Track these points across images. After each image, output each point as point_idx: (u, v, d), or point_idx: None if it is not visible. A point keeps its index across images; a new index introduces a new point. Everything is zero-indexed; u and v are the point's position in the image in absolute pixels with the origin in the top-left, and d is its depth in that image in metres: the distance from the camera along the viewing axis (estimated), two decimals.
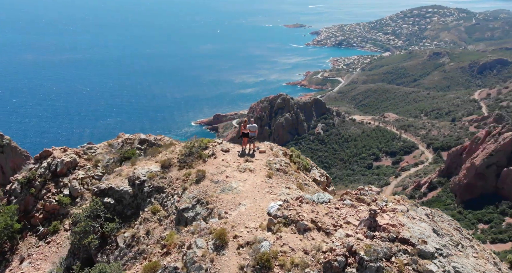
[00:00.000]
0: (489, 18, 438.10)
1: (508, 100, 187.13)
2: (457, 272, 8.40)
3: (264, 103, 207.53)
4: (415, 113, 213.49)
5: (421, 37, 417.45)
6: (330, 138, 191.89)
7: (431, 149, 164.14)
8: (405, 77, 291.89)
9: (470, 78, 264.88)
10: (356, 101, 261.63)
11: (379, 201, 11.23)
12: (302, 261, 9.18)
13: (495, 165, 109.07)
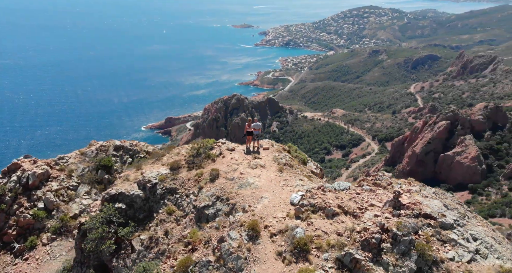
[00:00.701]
0: (419, 17, 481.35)
1: (439, 92, 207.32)
2: (474, 238, 9.67)
3: (219, 104, 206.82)
4: (360, 108, 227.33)
5: (360, 36, 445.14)
6: (285, 135, 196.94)
7: (376, 140, 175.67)
8: (349, 75, 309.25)
9: (405, 73, 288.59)
10: (306, 99, 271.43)
11: (394, 184, 12.53)
12: (338, 242, 10.02)
13: (433, 152, 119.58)
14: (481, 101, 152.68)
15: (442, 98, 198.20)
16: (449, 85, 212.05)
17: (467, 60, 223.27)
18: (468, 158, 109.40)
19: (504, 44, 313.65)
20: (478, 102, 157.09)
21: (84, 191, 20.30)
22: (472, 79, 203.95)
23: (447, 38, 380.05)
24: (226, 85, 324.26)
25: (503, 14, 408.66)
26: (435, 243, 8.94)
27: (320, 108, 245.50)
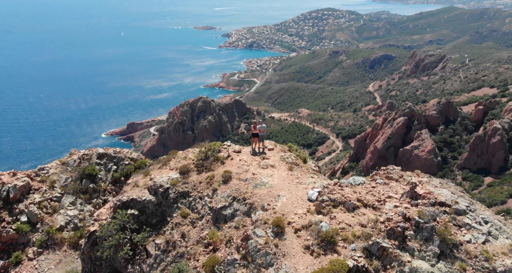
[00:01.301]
0: (374, 19, 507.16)
1: (395, 90, 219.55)
2: (485, 221, 10.57)
3: (185, 107, 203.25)
4: (323, 107, 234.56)
5: (320, 38, 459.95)
6: None
7: (340, 138, 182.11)
8: (311, 75, 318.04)
9: (364, 73, 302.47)
10: (272, 100, 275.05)
11: (405, 176, 13.13)
12: (364, 233, 10.56)
13: (393, 147, 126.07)
14: (434, 98, 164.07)
15: (399, 95, 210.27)
16: (404, 83, 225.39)
17: (419, 59, 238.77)
18: (424, 151, 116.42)
19: (451, 43, 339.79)
20: (431, 98, 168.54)
21: (69, 202, 19.49)
22: (425, 77, 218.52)
23: (400, 38, 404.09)
24: (190, 88, 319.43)
25: (449, 15, 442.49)
26: (452, 228, 9.79)
27: (286, 108, 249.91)
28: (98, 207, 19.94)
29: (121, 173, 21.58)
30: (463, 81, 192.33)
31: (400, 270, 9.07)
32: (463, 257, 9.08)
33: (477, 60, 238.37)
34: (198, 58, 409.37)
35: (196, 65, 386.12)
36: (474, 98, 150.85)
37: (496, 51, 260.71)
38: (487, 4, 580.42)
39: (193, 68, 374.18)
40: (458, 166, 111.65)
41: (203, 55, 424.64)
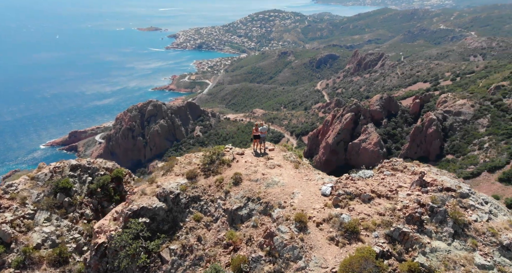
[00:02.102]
0: (317, 20, 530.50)
1: (341, 87, 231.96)
2: (485, 202, 11.86)
3: (133, 112, 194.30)
4: (276, 106, 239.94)
5: (269, 39, 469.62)
6: (209, 139, 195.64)
7: (294, 135, 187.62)
8: (263, 76, 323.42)
9: (311, 72, 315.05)
10: (226, 101, 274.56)
11: (409, 167, 14.06)
12: (384, 221, 11.34)
13: (343, 141, 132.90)
14: (376, 94, 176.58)
15: (344, 93, 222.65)
16: (348, 81, 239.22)
17: (361, 58, 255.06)
18: (371, 143, 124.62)
19: (387, 42, 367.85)
20: (373, 94, 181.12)
21: (44, 218, 18.13)
22: (366, 75, 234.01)
23: (342, 38, 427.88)
24: (137, 92, 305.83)
25: (384, 16, 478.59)
26: (460, 210, 11.02)
27: (240, 109, 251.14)
28: (75, 221, 19.04)
29: (98, 184, 20.53)
30: (400, 77, 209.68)
31: (421, 251, 9.99)
32: (473, 234, 10.34)
33: (411, 57, 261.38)
34: (144, 61, 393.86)
35: (141, 68, 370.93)
36: (411, 93, 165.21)
37: (426, 49, 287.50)
38: (416, 5, 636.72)
39: (139, 71, 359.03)
40: (401, 156, 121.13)
41: (149, 57, 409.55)
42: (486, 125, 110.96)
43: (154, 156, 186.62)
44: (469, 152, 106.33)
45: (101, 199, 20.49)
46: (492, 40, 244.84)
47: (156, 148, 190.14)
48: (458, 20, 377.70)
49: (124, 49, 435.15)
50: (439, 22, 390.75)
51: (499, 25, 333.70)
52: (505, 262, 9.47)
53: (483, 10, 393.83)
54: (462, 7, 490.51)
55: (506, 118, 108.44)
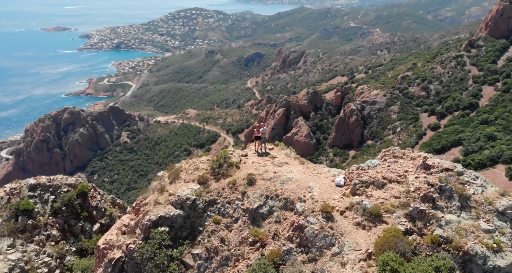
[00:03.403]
0: (240, 19, 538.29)
1: (270, 84, 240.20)
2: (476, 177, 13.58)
3: (46, 121, 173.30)
4: (209, 106, 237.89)
5: (193, 37, 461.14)
6: (139, 145, 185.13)
7: (230, 134, 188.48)
8: (191, 75, 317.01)
9: (240, 71, 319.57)
10: (154, 103, 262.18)
11: (407, 153, 15.44)
12: (401, 203, 12.70)
13: (277, 136, 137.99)
14: (301, 89, 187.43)
15: (273, 89, 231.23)
16: (276, 78, 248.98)
17: (285, 55, 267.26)
18: (302, 136, 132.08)
19: (307, 40, 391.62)
20: (299, 90, 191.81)
21: (7, 245, 16.52)
22: (291, 71, 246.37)
23: (266, 37, 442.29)
24: (46, 99, 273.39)
25: (302, 15, 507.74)
26: (460, 186, 12.75)
27: (171, 111, 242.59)
28: (42, 245, 17.74)
29: (62, 202, 18.91)
30: (321, 72, 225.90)
31: (438, 225, 11.54)
32: (475, 205, 12.24)
33: (328, 53, 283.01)
34: (51, 64, 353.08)
35: (48, 72, 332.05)
36: (332, 86, 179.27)
37: (341, 45, 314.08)
38: (328, 4, 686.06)
39: (45, 77, 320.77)
40: (329, 145, 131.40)
41: (58, 60, 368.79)
42: (397, 111, 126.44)
43: (76, 168, 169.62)
44: (385, 136, 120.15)
45: (67, 218, 19.19)
46: (394, 36, 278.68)
47: (77, 160, 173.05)
48: (364, 18, 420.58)
49: (25, 52, 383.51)
50: (349, 20, 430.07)
51: (398, 22, 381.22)
52: (503, 225, 11.64)
53: (385, 9, 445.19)
54: (367, 6, 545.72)
55: (412, 104, 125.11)
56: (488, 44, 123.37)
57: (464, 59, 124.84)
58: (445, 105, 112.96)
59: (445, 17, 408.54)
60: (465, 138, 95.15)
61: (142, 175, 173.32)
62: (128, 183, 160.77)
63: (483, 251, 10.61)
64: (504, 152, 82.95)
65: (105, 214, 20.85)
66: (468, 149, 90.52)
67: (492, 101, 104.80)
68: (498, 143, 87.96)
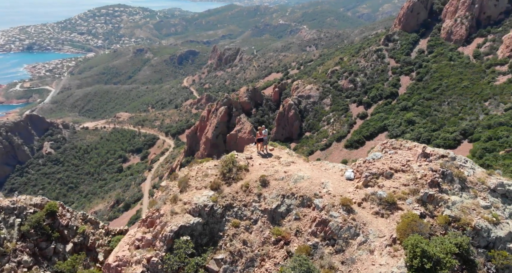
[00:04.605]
0: (168, 16, 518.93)
1: (208, 82, 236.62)
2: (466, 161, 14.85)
3: None
4: (143, 107, 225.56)
5: (118, 36, 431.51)
6: (65, 155, 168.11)
7: (169, 136, 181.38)
8: (120, 76, 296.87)
9: (174, 69, 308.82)
10: (78, 108, 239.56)
11: (403, 144, 16.48)
12: (411, 189, 13.65)
13: (221, 134, 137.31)
14: (240, 86, 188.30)
15: (212, 87, 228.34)
16: (213, 76, 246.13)
17: (220, 53, 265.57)
18: (246, 132, 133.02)
19: (239, 37, 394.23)
20: (238, 87, 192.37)
21: None
22: (228, 69, 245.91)
23: (198, 34, 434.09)
24: None
25: (232, 12, 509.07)
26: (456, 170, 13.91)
27: (99, 115, 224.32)
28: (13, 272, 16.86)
29: (30, 225, 17.53)
30: (257, 69, 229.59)
31: (446, 206, 12.61)
32: (471, 185, 13.45)
33: (262, 50, 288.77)
34: None
35: None
36: (269, 83, 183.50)
37: (272, 42, 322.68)
38: (256, 1, 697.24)
39: None
40: (271, 139, 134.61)
41: None
42: (329, 104, 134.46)
43: None
44: (321, 127, 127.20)
45: (37, 241, 17.80)
46: (320, 32, 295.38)
47: None
48: (292, 16, 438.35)
49: None
50: (278, 18, 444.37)
51: (323, 19, 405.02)
52: (496, 200, 13.04)
53: (310, 6, 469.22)
54: (293, 4, 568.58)
55: (342, 96, 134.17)
56: (402, 38, 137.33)
57: (384, 53, 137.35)
58: (370, 95, 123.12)
59: (362, 13, 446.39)
60: (389, 124, 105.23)
61: (72, 187, 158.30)
62: (56, 197, 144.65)
63: (486, 225, 11.93)
64: (422, 134, 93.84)
65: (77, 232, 19.65)
66: (393, 133, 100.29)
67: (409, 89, 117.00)
68: (417, 126, 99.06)
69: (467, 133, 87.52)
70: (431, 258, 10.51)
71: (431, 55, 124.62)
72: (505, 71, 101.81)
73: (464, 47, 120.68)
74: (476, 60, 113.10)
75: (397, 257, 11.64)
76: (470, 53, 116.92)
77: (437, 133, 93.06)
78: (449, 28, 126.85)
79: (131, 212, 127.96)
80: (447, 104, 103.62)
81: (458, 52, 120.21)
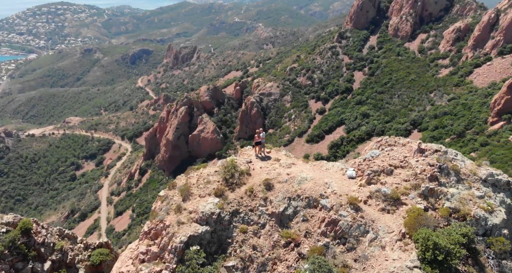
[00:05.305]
0: (118, 14, 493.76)
1: (164, 82, 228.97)
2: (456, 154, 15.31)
3: None
4: (95, 110, 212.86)
5: (63, 35, 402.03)
6: (10, 165, 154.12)
7: (126, 139, 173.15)
8: (67, 78, 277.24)
9: (127, 69, 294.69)
10: (22, 114, 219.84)
11: (398, 141, 16.82)
12: (412, 184, 13.98)
13: (183, 135, 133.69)
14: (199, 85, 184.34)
15: (169, 87, 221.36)
16: (170, 75, 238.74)
17: (176, 51, 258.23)
18: (209, 132, 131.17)
19: (195, 35, 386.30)
20: (197, 86, 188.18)
21: None
22: (186, 68, 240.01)
23: (151, 32, 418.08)
24: None
25: (186, 10, 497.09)
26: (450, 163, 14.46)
27: (46, 121, 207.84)
28: None
29: (4, 245, 16.41)
30: (216, 67, 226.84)
31: (446, 198, 13.14)
32: (465, 177, 14.06)
33: (219, 49, 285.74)
34: None
35: None
36: (229, 81, 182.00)
37: (229, 40, 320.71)
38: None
39: None
40: (235, 138, 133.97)
41: None
42: (289, 101, 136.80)
43: None
44: (283, 124, 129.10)
45: (13, 261, 16.63)
46: (276, 30, 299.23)
47: None
48: (247, 13, 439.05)
49: None
50: (234, 16, 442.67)
51: (277, 17, 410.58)
52: (487, 190, 13.75)
53: (264, 4, 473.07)
54: (247, 2, 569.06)
55: (301, 92, 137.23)
56: (354, 35, 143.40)
57: (338, 50, 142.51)
58: (327, 91, 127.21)
59: (315, 11, 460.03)
60: (346, 118, 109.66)
61: (20, 200, 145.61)
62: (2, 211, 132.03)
63: (483, 213, 12.56)
64: (376, 126, 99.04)
65: (55, 249, 18.49)
66: (349, 126, 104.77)
67: (362, 84, 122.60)
68: (371, 119, 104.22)
69: (416, 123, 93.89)
70: (443, 250, 10.94)
71: (381, 51, 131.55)
72: (446, 64, 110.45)
73: (410, 43, 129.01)
74: (421, 55, 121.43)
75: (408, 251, 11.97)
76: (415, 48, 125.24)
77: (390, 124, 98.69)
78: (395, 25, 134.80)
79: (88, 221, 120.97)
80: (398, 97, 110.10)
81: (404, 47, 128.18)
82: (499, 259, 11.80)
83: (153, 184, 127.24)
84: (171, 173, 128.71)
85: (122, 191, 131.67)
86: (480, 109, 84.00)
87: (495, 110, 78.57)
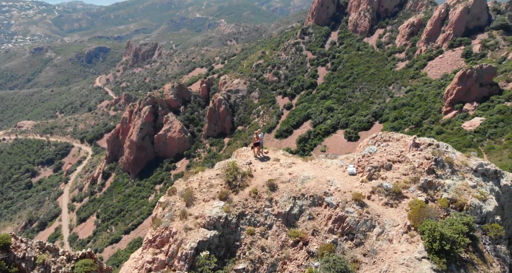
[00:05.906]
0: (70, 10, 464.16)
1: (125, 81, 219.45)
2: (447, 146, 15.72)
3: None
4: (50, 113, 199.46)
5: (9, 34, 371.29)
6: None
7: (86, 142, 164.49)
8: (16, 79, 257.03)
9: (83, 68, 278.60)
10: None
11: (391, 136, 17.09)
12: (411, 178, 14.39)
13: (147, 135, 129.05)
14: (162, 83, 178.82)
15: (130, 86, 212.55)
16: (130, 73, 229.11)
17: (136, 48, 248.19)
18: (176, 131, 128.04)
19: (155, 31, 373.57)
20: (160, 84, 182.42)
21: None
22: (147, 65, 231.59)
23: (107, 29, 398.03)
24: None
25: (144, 5, 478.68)
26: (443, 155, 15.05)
27: None
28: None
29: None
30: (179, 64, 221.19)
31: (443, 190, 13.73)
32: (458, 168, 14.60)
33: (181, 45, 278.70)
34: None
35: None
36: (194, 79, 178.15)
37: (191, 36, 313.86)
38: None
39: None
40: (204, 136, 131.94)
41: None
42: (257, 97, 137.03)
43: None
44: (252, 120, 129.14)
45: None
46: (239, 26, 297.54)
47: None
48: (209, 9, 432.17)
49: None
50: (195, 11, 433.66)
51: (239, 13, 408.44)
52: (479, 179, 14.47)
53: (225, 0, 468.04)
54: None
55: (268, 89, 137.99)
56: (316, 31, 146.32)
57: (301, 46, 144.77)
58: (293, 87, 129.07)
59: (276, 7, 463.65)
60: (312, 112, 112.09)
61: None
62: None
63: (478, 202, 13.22)
64: (340, 119, 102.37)
65: (36, 263, 17.26)
66: (316, 121, 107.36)
67: (326, 79, 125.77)
68: (336, 113, 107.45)
69: (378, 115, 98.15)
70: (448, 239, 11.41)
71: (342, 46, 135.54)
72: (402, 58, 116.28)
73: (369, 38, 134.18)
74: (379, 49, 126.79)
75: (415, 243, 12.33)
76: (374, 43, 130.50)
77: (353, 117, 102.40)
78: (354, 21, 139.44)
79: (49, 230, 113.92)
80: (359, 91, 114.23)
81: (364, 42, 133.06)
82: (494, 244, 12.46)
83: (118, 187, 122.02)
84: (136, 175, 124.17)
85: (84, 197, 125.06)
86: (434, 100, 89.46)
87: (448, 100, 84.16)
